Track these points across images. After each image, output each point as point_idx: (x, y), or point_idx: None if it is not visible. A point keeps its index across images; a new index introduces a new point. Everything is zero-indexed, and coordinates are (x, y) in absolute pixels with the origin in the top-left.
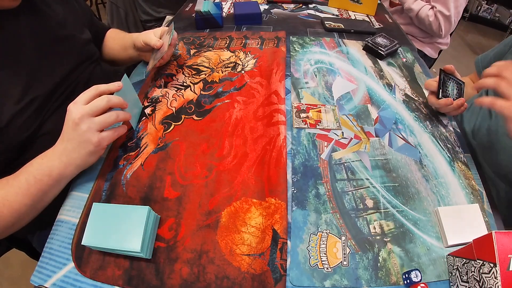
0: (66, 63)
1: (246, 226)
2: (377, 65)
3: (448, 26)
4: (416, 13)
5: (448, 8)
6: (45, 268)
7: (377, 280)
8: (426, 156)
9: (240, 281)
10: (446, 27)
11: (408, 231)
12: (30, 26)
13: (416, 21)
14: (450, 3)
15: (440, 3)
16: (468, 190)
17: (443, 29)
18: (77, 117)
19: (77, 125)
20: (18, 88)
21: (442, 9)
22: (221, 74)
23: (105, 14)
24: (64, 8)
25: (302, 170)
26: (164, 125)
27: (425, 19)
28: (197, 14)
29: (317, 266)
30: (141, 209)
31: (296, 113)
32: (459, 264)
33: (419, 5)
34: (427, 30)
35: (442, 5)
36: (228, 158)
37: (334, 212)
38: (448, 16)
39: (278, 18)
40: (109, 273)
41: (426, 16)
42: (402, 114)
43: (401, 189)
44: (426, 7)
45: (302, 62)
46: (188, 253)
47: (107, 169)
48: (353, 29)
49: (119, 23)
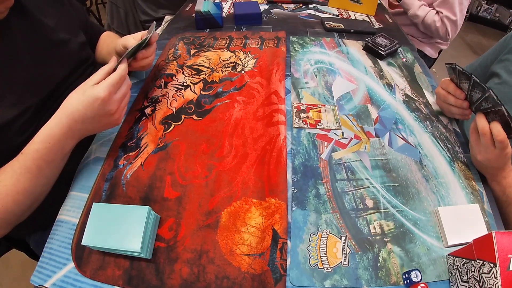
0: (62, 69)
1: (246, 226)
2: (377, 65)
3: (454, 30)
4: (422, 19)
5: (455, 13)
6: (45, 268)
7: (377, 280)
8: (426, 156)
9: (240, 281)
10: (453, 31)
11: (408, 231)
12: (23, 34)
13: (422, 27)
14: (456, 7)
15: (446, 8)
16: (468, 190)
17: (450, 34)
18: (104, 95)
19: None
20: (14, 96)
21: (449, 14)
22: (221, 74)
23: (105, 14)
24: (58, 11)
25: (302, 170)
26: (164, 125)
27: (432, 25)
28: (197, 14)
29: (317, 266)
30: (141, 209)
31: (296, 113)
32: (459, 264)
33: (424, 11)
34: (433, 35)
35: (448, 10)
36: (228, 158)
37: (334, 212)
38: (455, 20)
39: (278, 18)
40: (109, 273)
41: (433, 22)
42: (402, 114)
43: (401, 189)
44: (432, 13)
45: (302, 62)
46: (188, 253)
47: (107, 169)
48: (353, 29)
49: (119, 23)
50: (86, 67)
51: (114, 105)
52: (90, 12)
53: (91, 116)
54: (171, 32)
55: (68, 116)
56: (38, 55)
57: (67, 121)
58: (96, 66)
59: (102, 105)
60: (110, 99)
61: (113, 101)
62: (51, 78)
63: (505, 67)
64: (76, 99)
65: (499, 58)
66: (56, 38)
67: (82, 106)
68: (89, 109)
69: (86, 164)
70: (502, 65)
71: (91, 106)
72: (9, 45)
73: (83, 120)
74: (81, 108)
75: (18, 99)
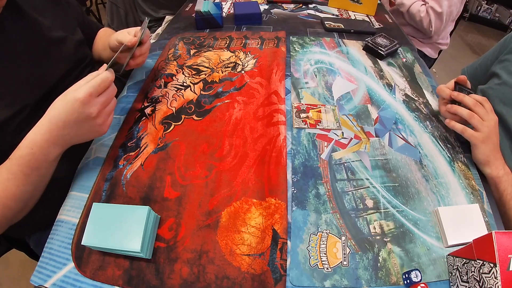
0: (58, 68)
1: (246, 226)
2: (377, 65)
3: (439, 23)
4: (408, 8)
5: (441, 5)
6: (45, 268)
7: (377, 280)
8: (426, 156)
9: (240, 281)
10: (436, 24)
11: (408, 231)
12: (19, 33)
13: (407, 16)
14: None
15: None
16: (468, 190)
17: (433, 26)
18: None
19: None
20: (9, 95)
21: (434, 5)
22: (221, 74)
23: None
24: (54, 10)
25: (302, 170)
26: (164, 125)
27: (416, 15)
28: (197, 14)
29: (317, 266)
30: (141, 209)
31: (296, 113)
32: (459, 264)
33: (410, 0)
34: (417, 27)
35: (434, 1)
36: (228, 158)
37: (334, 212)
38: (440, 13)
39: (278, 18)
40: (109, 273)
41: (418, 12)
42: (402, 114)
43: (401, 189)
44: (418, 3)
45: (302, 62)
46: (188, 253)
47: (107, 169)
48: (353, 29)
49: (119, 23)
50: (83, 67)
51: (94, 107)
52: (90, 12)
53: (71, 121)
54: (171, 32)
55: (50, 121)
56: (34, 54)
57: (48, 126)
58: (94, 66)
59: (82, 108)
60: (90, 101)
61: (94, 104)
62: (48, 77)
63: (505, 67)
64: (58, 104)
65: (499, 59)
66: (52, 37)
67: (62, 109)
68: (69, 113)
69: (86, 164)
70: (502, 65)
71: (70, 109)
72: (4, 45)
73: (64, 125)
74: (61, 112)
75: (14, 98)
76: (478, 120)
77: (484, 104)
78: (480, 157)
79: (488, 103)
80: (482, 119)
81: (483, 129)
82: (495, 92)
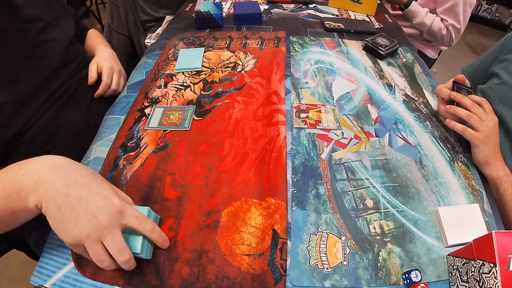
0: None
1: (246, 226)
2: (377, 65)
3: (458, 37)
4: (429, 28)
5: (459, 21)
6: (45, 268)
7: (377, 280)
8: (426, 156)
9: (240, 281)
10: (456, 38)
11: (408, 231)
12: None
13: (426, 34)
14: (461, 16)
15: (451, 16)
16: (468, 190)
17: (454, 41)
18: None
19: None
20: None
21: (454, 22)
22: (221, 74)
23: (105, 14)
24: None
25: (302, 170)
26: None
27: (438, 33)
28: (197, 14)
29: (317, 266)
30: (141, 209)
31: (296, 113)
32: (459, 264)
33: (430, 19)
34: (435, 42)
35: (453, 18)
36: (228, 158)
37: (334, 212)
38: (459, 28)
39: (278, 18)
40: (109, 273)
41: (439, 30)
42: (402, 114)
43: (401, 189)
44: (437, 20)
45: (302, 62)
46: (188, 253)
47: (107, 169)
48: (353, 29)
49: (119, 23)
50: (75, 66)
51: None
52: (90, 12)
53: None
54: (171, 32)
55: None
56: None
57: None
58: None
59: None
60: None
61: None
62: (34, 73)
63: (505, 67)
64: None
65: (499, 59)
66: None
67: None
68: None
69: (86, 164)
70: (502, 65)
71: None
72: None
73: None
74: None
75: None
76: (477, 120)
77: (483, 105)
78: (480, 157)
79: (488, 104)
80: (481, 119)
81: (483, 129)
82: (495, 92)
